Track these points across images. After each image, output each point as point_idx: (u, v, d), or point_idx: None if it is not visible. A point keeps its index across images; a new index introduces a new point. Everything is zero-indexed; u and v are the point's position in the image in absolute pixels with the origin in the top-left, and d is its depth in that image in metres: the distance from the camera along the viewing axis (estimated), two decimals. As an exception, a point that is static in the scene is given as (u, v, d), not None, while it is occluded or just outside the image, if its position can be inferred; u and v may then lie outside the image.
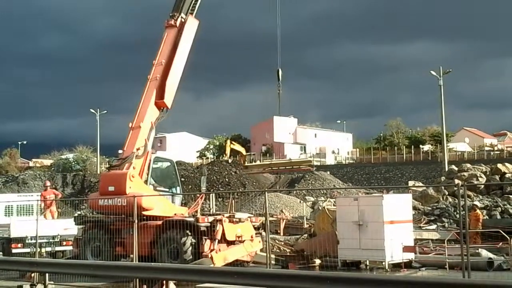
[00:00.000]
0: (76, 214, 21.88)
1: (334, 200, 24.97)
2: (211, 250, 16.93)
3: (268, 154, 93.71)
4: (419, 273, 17.85)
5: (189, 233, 17.06)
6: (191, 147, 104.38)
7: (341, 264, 18.72)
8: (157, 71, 19.58)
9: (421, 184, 46.86)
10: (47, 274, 15.89)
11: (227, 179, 50.70)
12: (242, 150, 76.91)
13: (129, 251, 17.09)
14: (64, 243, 21.01)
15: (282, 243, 23.04)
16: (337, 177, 59.45)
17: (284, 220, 27.15)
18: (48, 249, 20.53)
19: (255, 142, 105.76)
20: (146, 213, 17.10)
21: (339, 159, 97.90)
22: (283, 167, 48.20)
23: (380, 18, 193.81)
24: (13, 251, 20.05)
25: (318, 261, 19.44)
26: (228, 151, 73.29)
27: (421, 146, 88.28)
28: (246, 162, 67.27)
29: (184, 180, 43.55)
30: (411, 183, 48.91)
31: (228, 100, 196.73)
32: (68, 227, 20.72)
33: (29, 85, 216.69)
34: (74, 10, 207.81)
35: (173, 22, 20.06)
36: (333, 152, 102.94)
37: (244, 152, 76.36)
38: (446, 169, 46.34)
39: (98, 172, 66.03)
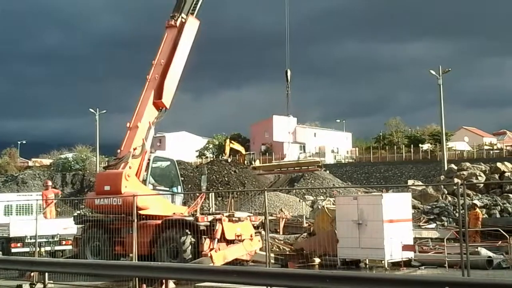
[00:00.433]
0: (75, 214, 21.88)
1: (334, 199, 24.96)
2: (211, 249, 16.92)
3: (267, 153, 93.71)
4: (418, 271, 17.86)
5: (189, 232, 17.06)
6: (190, 146, 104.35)
7: (341, 263, 18.72)
8: (156, 71, 19.54)
9: (420, 183, 46.80)
10: (46, 274, 15.91)
11: (226, 178, 50.72)
12: (241, 149, 76.90)
13: (128, 250, 17.07)
14: (64, 242, 21.02)
15: (282, 242, 23.05)
16: (336, 176, 59.53)
17: (284, 219, 27.15)
18: (48, 248, 20.54)
19: (255, 141, 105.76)
20: (142, 213, 17.07)
21: (339, 158, 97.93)
22: (292, 168, 47.93)
23: (381, 16, 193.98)
24: (13, 250, 20.06)
25: (317, 260, 19.44)
26: (227, 150, 73.29)
27: (420, 145, 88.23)
28: (246, 162, 67.27)
29: (184, 179, 43.45)
30: (410, 182, 48.88)
31: (227, 99, 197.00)
32: (68, 227, 20.71)
33: (28, 84, 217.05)
34: (75, 8, 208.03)
35: (173, 23, 19.99)
36: (333, 151, 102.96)
37: (243, 151, 76.35)
38: (446, 168, 46.34)
39: (97, 172, 65.98)
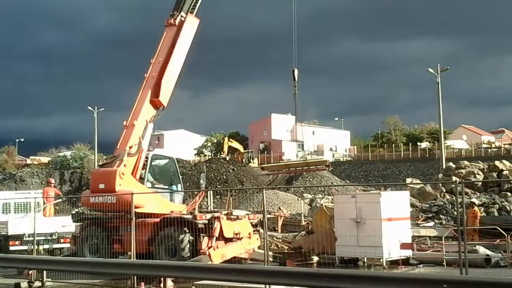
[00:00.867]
0: (73, 212, 21.86)
1: (332, 197, 24.96)
2: (209, 247, 16.92)
3: (265, 152, 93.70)
4: (416, 270, 17.88)
5: (187, 231, 17.05)
6: (188, 144, 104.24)
7: (339, 261, 18.75)
8: (154, 69, 19.51)
9: (418, 181, 46.82)
10: (44, 272, 15.93)
11: (224, 177, 50.72)
12: (240, 147, 76.93)
13: (126, 249, 17.10)
14: (62, 240, 20.99)
15: (280, 240, 23.06)
16: (334, 174, 59.46)
17: (282, 217, 27.13)
18: (46, 246, 20.52)
19: (253, 140, 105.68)
20: (137, 211, 17.02)
21: (337, 156, 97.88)
22: (300, 168, 47.85)
23: (379, 15, 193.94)
24: (11, 248, 20.01)
25: (315, 258, 19.47)
26: (226, 148, 73.36)
27: (418, 144, 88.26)
28: (244, 160, 67.29)
29: (182, 177, 43.41)
30: (408, 180, 48.79)
31: (226, 97, 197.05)
32: (66, 225, 20.70)
33: (27, 82, 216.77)
34: (73, 6, 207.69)
35: (173, 21, 19.94)
36: (331, 149, 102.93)
37: (242, 150, 76.39)
38: (444, 166, 46.35)
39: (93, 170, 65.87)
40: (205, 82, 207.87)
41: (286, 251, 20.79)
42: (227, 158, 62.47)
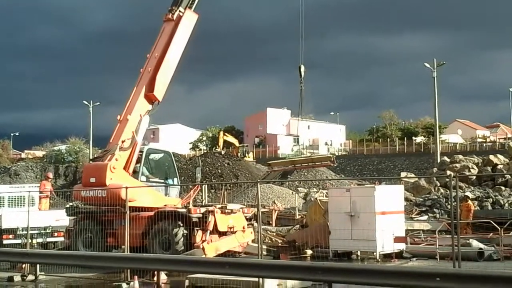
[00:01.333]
0: (68, 205, 21.82)
1: (326, 191, 24.99)
2: (203, 241, 16.92)
3: (261, 146, 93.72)
4: (410, 263, 17.93)
5: (181, 224, 17.04)
6: (184, 138, 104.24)
7: (333, 255, 18.79)
8: (150, 64, 19.45)
9: (413, 175, 46.90)
10: (38, 265, 15.92)
11: (219, 171, 50.69)
12: (235, 141, 76.91)
13: (120, 242, 17.06)
14: (56, 234, 20.96)
15: (274, 234, 23.07)
16: (329, 168, 59.49)
17: (276, 211, 27.15)
18: (40, 240, 20.50)
19: (248, 134, 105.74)
20: (129, 204, 17.00)
21: (332, 150, 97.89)
22: (306, 164, 47.92)
23: (375, 9, 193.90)
24: (4, 242, 19.99)
25: (309, 252, 19.50)
26: (221, 142, 73.25)
27: (413, 138, 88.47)
28: (240, 154, 67.22)
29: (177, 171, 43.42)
30: (403, 174, 48.89)
31: (221, 91, 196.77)
32: (60, 218, 20.65)
33: (21, 76, 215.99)
34: (69, 2, 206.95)
35: (171, 16, 19.84)
36: (326, 143, 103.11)
37: (237, 144, 76.37)
38: (439, 161, 46.47)
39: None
40: (201, 76, 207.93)
41: (280, 244, 20.81)
42: (222, 152, 62.41)
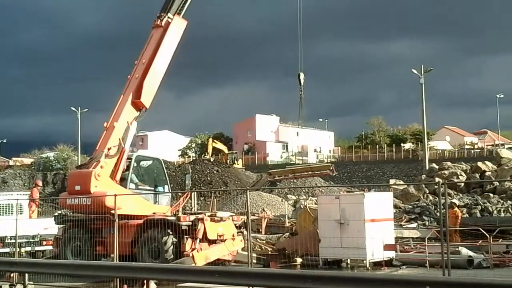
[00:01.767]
0: (56, 214, 21.70)
1: (316, 198, 25.00)
2: (193, 249, 16.86)
3: (250, 153, 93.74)
4: (399, 271, 17.93)
5: (170, 232, 16.98)
6: (173, 145, 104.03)
7: (323, 263, 18.75)
8: (138, 71, 19.38)
9: (402, 183, 47.10)
10: (26, 274, 15.74)
11: (209, 178, 50.59)
12: (224, 148, 76.92)
13: (109, 251, 16.95)
14: (44, 242, 20.84)
15: (264, 242, 23.04)
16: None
17: (266, 219, 27.13)
18: (28, 248, 20.37)
19: (237, 141, 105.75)
20: (114, 213, 16.93)
21: (321, 157, 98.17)
22: (305, 173, 48.06)
23: (363, 16, 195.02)
24: (-8, 250, 19.85)
25: (299, 260, 19.46)
26: (210, 149, 73.28)
27: (402, 145, 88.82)
28: (229, 161, 67.20)
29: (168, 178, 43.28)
30: (392, 181, 49.12)
31: (210, 98, 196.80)
32: (48, 227, 20.53)
33: (9, 82, 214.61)
34: (57, 5, 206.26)
35: (159, 23, 19.82)
36: (315, 150, 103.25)
37: (226, 151, 76.37)
38: (427, 168, 46.71)
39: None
40: (189, 82, 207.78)
41: (270, 252, 20.77)
42: (211, 159, 62.40)
